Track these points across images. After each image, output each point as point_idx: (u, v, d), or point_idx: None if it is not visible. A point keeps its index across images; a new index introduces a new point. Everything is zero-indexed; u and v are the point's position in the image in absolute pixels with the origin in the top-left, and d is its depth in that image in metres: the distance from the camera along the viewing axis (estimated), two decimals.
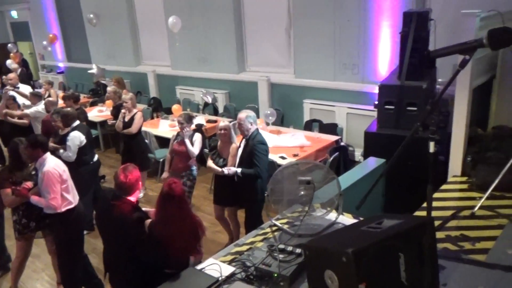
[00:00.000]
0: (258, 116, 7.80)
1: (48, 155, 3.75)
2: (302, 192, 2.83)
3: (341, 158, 5.60)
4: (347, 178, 3.78)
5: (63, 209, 3.68)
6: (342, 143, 6.15)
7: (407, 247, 1.92)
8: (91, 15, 10.35)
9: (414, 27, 4.52)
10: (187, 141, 4.83)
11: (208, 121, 7.45)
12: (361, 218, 2.86)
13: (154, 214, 2.90)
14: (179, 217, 2.75)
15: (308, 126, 7.02)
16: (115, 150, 8.44)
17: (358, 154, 6.61)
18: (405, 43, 4.58)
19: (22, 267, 4.16)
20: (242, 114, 4.11)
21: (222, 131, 4.42)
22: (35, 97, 6.94)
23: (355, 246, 1.84)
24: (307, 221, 2.89)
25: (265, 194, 2.97)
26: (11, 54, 12.40)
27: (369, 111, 6.41)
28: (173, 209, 2.73)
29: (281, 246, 2.54)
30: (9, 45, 13.11)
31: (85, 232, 4.24)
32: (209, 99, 8.13)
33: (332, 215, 2.94)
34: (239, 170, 4.08)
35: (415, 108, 4.32)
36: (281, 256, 2.46)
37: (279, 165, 5.24)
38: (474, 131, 4.00)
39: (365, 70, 6.72)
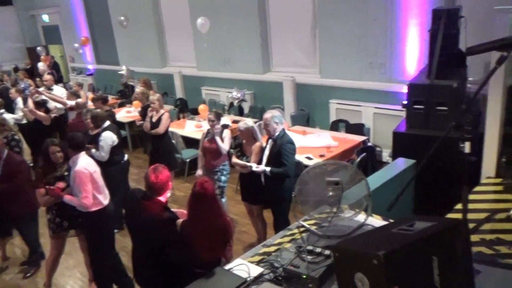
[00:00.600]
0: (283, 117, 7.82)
1: (81, 154, 3.84)
2: (330, 193, 2.81)
3: (368, 159, 5.53)
4: (376, 179, 3.74)
5: (94, 209, 3.77)
6: (369, 144, 6.06)
7: (441, 250, 1.88)
8: (122, 18, 10.56)
9: (444, 25, 4.42)
10: (218, 138, 4.90)
11: (234, 122, 7.48)
12: (391, 220, 2.81)
13: (185, 214, 2.91)
14: (210, 216, 2.74)
15: (334, 127, 6.96)
16: (143, 150, 8.58)
17: (386, 154, 6.51)
18: (434, 41, 4.49)
19: (56, 264, 4.28)
20: (268, 115, 4.10)
21: (238, 133, 4.46)
22: (73, 96, 7.28)
23: (386, 248, 1.81)
24: (336, 223, 2.87)
25: (292, 195, 2.97)
26: (42, 57, 12.79)
27: (397, 111, 6.30)
28: (205, 208, 2.73)
29: (309, 248, 2.52)
30: (38, 48, 13.52)
31: (115, 230, 4.33)
32: (239, 96, 8.16)
33: (361, 217, 2.90)
34: (268, 169, 4.06)
35: (445, 108, 4.23)
36: (309, 257, 2.44)
37: (306, 166, 5.22)
38: (509, 130, 3.88)
39: (392, 69, 6.61)
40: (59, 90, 8.24)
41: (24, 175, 4.47)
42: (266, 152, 4.20)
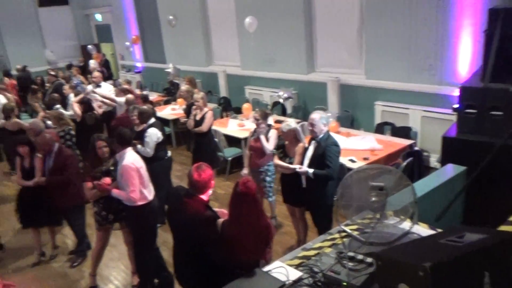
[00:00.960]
0: None
1: (128, 149, 3.95)
2: (373, 198, 2.73)
3: (415, 164, 5.33)
4: (423, 186, 3.59)
5: (139, 203, 3.86)
6: (416, 148, 5.85)
7: (493, 265, 1.77)
8: (171, 17, 10.80)
9: (501, 25, 4.18)
10: (262, 137, 4.91)
11: (277, 122, 7.45)
12: (438, 230, 2.69)
13: (226, 214, 2.92)
14: (252, 217, 2.73)
15: (380, 129, 6.78)
16: (186, 148, 8.73)
17: (433, 160, 6.27)
18: (490, 42, 4.26)
19: (101, 256, 4.43)
20: (316, 115, 4.02)
21: (281, 134, 4.46)
22: (121, 93, 7.54)
23: (433, 259, 1.73)
24: (379, 229, 2.78)
25: (334, 198, 2.91)
26: (94, 54, 13.32)
27: (447, 114, 6.04)
28: (247, 208, 2.72)
29: (351, 254, 2.46)
30: (89, 46, 14.09)
31: (158, 225, 4.41)
32: (286, 96, 8.13)
33: (406, 224, 2.80)
34: (310, 170, 3.99)
35: (500, 113, 4.00)
36: (350, 264, 2.38)
37: (348, 168, 5.11)
38: None
39: (442, 71, 6.35)
40: (107, 87, 8.55)
41: (73, 168, 4.66)
42: (309, 154, 4.14)
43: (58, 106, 7.75)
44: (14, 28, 14.54)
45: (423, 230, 2.78)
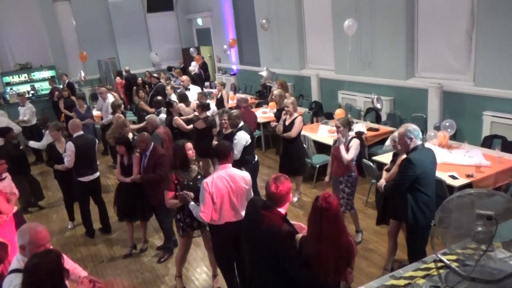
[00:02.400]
0: (426, 128, 7.11)
1: (221, 168, 3.68)
2: (479, 228, 2.37)
3: None
4: None
5: (210, 223, 3.74)
6: None
7: None
8: (264, 20, 10.91)
9: None
10: (341, 147, 4.77)
11: (369, 129, 7.08)
12: None
13: (304, 228, 2.77)
14: (333, 233, 2.54)
15: (488, 143, 6.06)
16: (274, 152, 8.71)
17: None
18: None
19: (184, 259, 4.49)
20: (402, 129, 3.71)
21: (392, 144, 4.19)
22: (203, 97, 7.74)
23: None
24: (484, 263, 2.42)
25: (432, 223, 2.60)
26: (196, 56, 14.00)
27: None
28: (328, 224, 2.53)
29: None
30: (191, 49, 14.85)
31: None
32: (379, 105, 7.71)
33: None
34: (382, 183, 3.94)
35: None
36: None
37: (448, 185, 4.64)
38: None
39: None
40: (195, 89, 8.84)
41: (165, 168, 4.83)
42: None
43: (160, 109, 8.17)
44: (125, 33, 15.85)
45: None
